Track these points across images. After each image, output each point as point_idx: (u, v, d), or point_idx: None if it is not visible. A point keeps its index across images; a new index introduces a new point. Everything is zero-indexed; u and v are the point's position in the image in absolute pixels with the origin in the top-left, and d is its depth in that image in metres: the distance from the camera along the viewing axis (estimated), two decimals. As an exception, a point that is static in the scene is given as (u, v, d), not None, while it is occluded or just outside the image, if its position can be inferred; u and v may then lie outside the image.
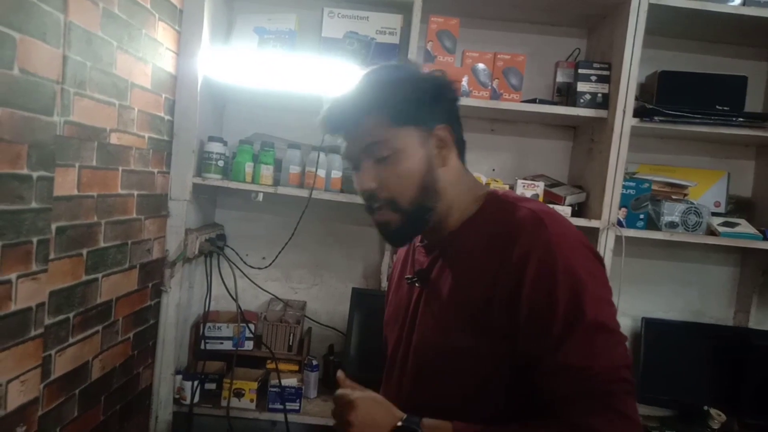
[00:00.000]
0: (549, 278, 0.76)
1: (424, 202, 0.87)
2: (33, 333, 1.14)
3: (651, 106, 1.83)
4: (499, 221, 0.85)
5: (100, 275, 1.40)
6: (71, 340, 1.29)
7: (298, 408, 1.88)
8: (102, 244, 1.39)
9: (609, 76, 1.87)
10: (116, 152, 1.43)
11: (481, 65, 1.87)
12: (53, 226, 1.18)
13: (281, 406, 1.86)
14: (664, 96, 1.91)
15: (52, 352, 1.22)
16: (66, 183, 1.22)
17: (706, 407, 1.94)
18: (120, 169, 1.45)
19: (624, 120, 1.80)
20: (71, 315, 1.28)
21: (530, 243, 0.79)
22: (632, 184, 1.84)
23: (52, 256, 1.19)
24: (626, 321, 2.12)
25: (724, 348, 2.04)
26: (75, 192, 1.26)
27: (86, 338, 1.36)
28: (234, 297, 1.95)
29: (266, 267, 2.07)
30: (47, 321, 1.19)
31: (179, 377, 1.86)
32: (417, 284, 0.95)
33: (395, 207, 0.87)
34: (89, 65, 1.26)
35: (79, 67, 1.22)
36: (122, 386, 1.59)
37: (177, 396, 1.86)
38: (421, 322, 0.93)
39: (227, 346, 1.97)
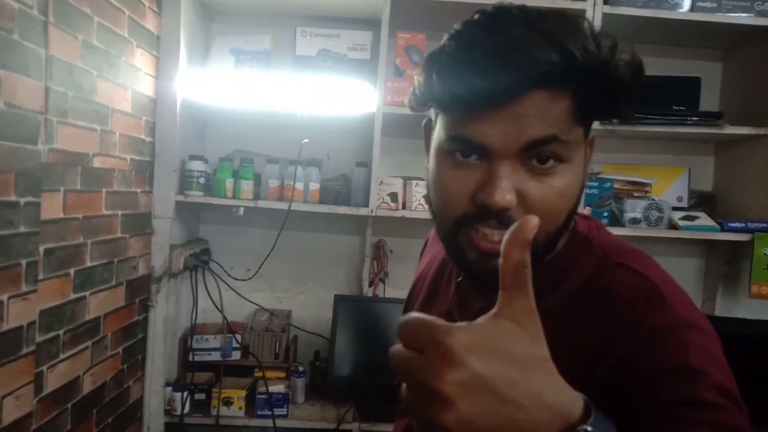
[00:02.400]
0: (675, 374, 0.51)
1: (558, 238, 0.61)
2: (25, 350, 1.21)
3: (610, 110, 1.93)
4: (594, 280, 0.60)
5: (87, 293, 1.46)
6: (62, 356, 1.36)
7: (286, 413, 1.95)
8: (89, 263, 1.46)
9: (569, 83, 1.96)
10: (99, 175, 1.50)
11: (447, 77, 1.96)
12: (41, 248, 1.25)
13: (269, 412, 1.93)
14: (624, 99, 2.01)
15: (44, 368, 1.29)
16: (52, 207, 1.29)
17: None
18: (104, 190, 1.52)
19: (585, 124, 1.90)
20: (61, 332, 1.35)
21: (647, 331, 0.54)
22: (595, 183, 1.94)
23: (40, 276, 1.25)
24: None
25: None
26: (61, 215, 1.33)
27: (76, 354, 1.43)
28: (220, 309, 2.02)
29: (250, 278, 2.14)
30: (38, 338, 1.25)
31: (169, 389, 1.92)
32: None
33: (544, 235, 0.59)
34: (71, 95, 1.34)
35: (61, 97, 1.30)
36: (113, 399, 1.65)
37: (168, 407, 1.92)
38: None
39: (215, 356, 2.04)
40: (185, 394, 1.93)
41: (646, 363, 0.52)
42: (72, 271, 1.39)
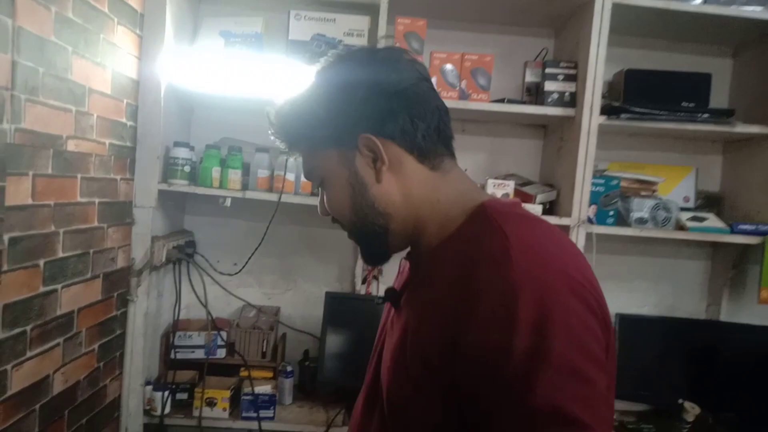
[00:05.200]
0: (502, 327, 0.58)
1: (367, 226, 0.77)
2: (-15, 348, 1.10)
3: (618, 104, 1.84)
4: (473, 246, 0.67)
5: (59, 286, 1.36)
6: (29, 354, 1.26)
7: (272, 415, 1.86)
8: (61, 254, 1.36)
9: (576, 75, 1.88)
10: (74, 159, 1.39)
11: (448, 66, 1.87)
12: (6, 237, 1.15)
13: (255, 414, 1.84)
14: (631, 94, 1.93)
15: (8, 366, 1.18)
16: (19, 192, 1.19)
17: (681, 400, 1.95)
18: (79, 176, 1.42)
19: (591, 118, 1.81)
20: (28, 328, 1.25)
21: (485, 281, 0.61)
22: (601, 181, 1.85)
23: (5, 268, 1.15)
24: (599, 318, 2.12)
25: (697, 341, 2.07)
26: (29, 201, 1.22)
27: (46, 351, 1.32)
28: (204, 304, 1.92)
29: (237, 273, 2.04)
30: (1, 335, 1.15)
31: (149, 388, 1.82)
32: (393, 305, 0.84)
33: (347, 230, 0.81)
34: (42, 71, 1.23)
35: (30, 73, 1.19)
36: (88, 399, 1.55)
37: (147, 407, 1.82)
38: (385, 352, 0.80)
39: (199, 354, 1.94)
40: (166, 393, 1.83)
41: (474, 338, 0.60)
42: (41, 262, 1.28)
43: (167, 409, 1.83)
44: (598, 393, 0.57)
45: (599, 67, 1.81)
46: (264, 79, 1.82)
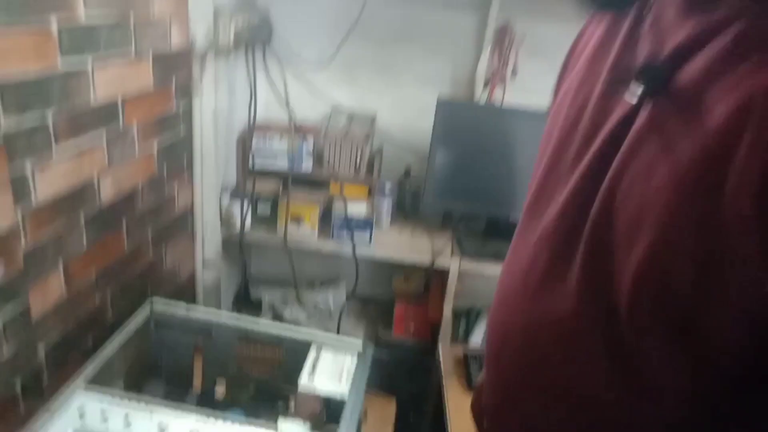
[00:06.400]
0: None
1: None
2: (-18, 138, 0.78)
3: None
4: None
5: (89, 63, 0.99)
6: (56, 151, 0.94)
7: (368, 239, 1.56)
8: (83, 21, 0.96)
9: None
10: None
11: None
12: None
13: (349, 236, 1.55)
14: None
15: (27, 165, 0.88)
16: None
17: None
18: None
19: None
20: (49, 113, 0.91)
21: None
22: None
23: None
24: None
25: None
26: None
27: (85, 151, 1.01)
28: (286, 102, 1.53)
29: (325, 67, 1.60)
30: (4, 121, 0.82)
31: (226, 198, 1.55)
32: (640, 89, 0.44)
33: None
34: None
35: None
36: (152, 209, 1.28)
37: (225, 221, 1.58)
38: (631, 183, 0.43)
39: (282, 163, 1.61)
40: (246, 205, 1.56)
41: None
42: (53, 19, 0.89)
43: (247, 225, 1.58)
44: None
45: None
46: None
